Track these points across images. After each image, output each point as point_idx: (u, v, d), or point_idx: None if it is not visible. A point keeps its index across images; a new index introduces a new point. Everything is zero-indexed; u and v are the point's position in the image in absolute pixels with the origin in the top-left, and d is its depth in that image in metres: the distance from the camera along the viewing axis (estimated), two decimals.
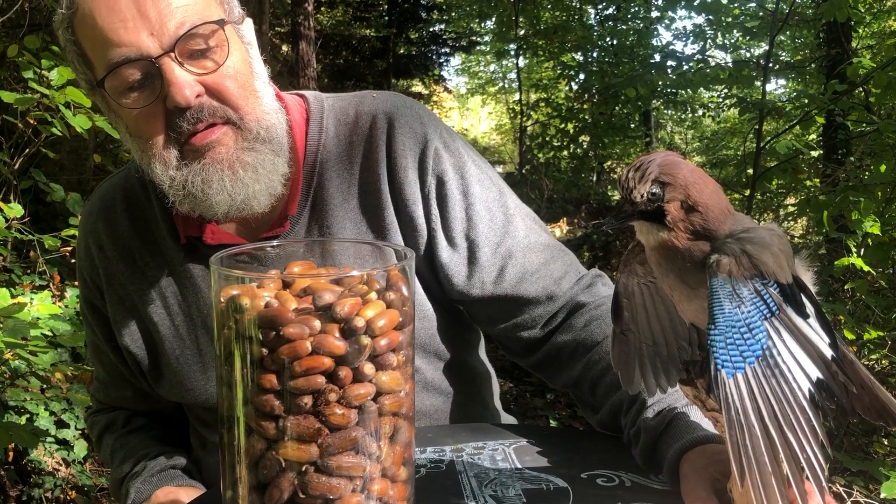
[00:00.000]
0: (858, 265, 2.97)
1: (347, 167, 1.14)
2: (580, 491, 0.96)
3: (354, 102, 1.17)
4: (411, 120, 1.15)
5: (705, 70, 5.46)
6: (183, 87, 0.97)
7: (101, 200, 1.22)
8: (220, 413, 0.74)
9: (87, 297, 1.24)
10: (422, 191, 1.13)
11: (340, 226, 1.12)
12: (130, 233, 1.18)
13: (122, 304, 1.18)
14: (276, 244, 0.98)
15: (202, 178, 1.01)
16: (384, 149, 1.13)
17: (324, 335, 0.68)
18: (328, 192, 1.13)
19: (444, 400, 1.24)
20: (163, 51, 0.97)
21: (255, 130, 1.04)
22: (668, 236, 0.74)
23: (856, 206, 3.04)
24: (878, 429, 3.24)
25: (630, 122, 8.77)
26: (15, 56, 2.59)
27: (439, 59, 11.96)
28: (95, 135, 3.82)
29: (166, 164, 1.02)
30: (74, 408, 3.01)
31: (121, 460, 1.26)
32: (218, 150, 1.02)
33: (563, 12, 9.17)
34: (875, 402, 0.74)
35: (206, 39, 1.00)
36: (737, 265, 0.70)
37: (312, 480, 0.68)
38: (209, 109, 1.00)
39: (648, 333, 0.88)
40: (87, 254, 1.22)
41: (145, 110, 1.00)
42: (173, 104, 0.98)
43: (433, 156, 1.13)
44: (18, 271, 3.28)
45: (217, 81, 1.01)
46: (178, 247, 1.14)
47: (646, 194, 0.73)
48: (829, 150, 5.66)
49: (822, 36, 6.55)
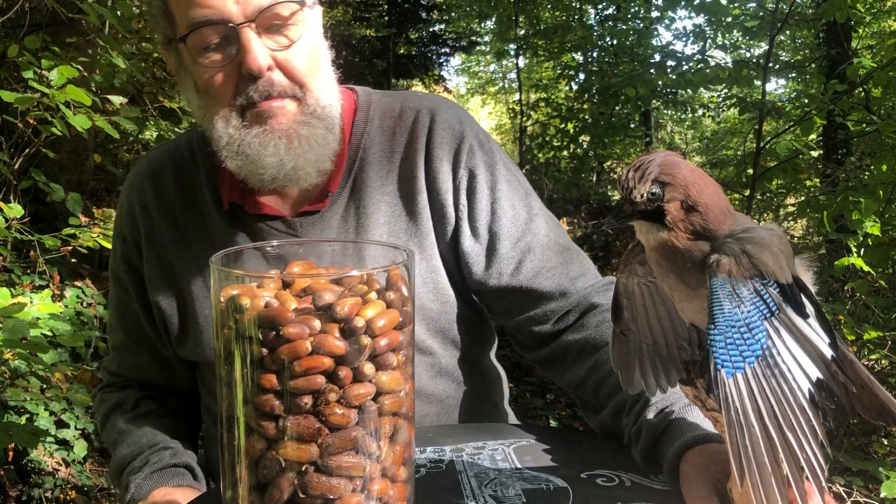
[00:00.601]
0: (858, 265, 2.97)
1: (388, 155, 1.21)
2: (580, 491, 0.96)
3: (401, 98, 1.26)
4: (451, 118, 1.22)
5: (705, 70, 5.46)
6: (258, 56, 1.04)
7: (150, 164, 1.28)
8: (220, 413, 0.74)
9: (124, 255, 1.28)
10: (453, 182, 1.20)
11: (376, 207, 1.19)
12: (175, 196, 1.24)
13: (159, 262, 1.24)
14: (276, 244, 1.00)
15: (259, 142, 1.09)
16: (424, 140, 1.21)
17: (324, 335, 0.68)
18: (368, 176, 1.20)
19: (455, 387, 1.27)
20: (245, 19, 1.04)
21: (313, 107, 1.11)
22: (668, 236, 0.74)
23: (856, 206, 3.04)
24: (877, 429, 3.24)
25: (630, 122, 8.76)
26: (15, 56, 2.59)
27: (439, 60, 11.95)
28: (95, 135, 3.82)
29: (227, 122, 1.09)
30: (74, 408, 3.01)
31: (125, 447, 1.25)
32: (279, 120, 1.09)
33: (563, 12, 9.17)
34: (874, 401, 0.74)
35: (285, 16, 1.07)
36: (737, 265, 0.70)
37: (312, 480, 0.68)
38: (278, 86, 1.08)
39: (648, 333, 0.88)
40: (130, 212, 1.27)
41: (218, 71, 1.07)
42: (247, 71, 1.05)
43: (467, 151, 1.20)
44: (18, 271, 3.28)
45: (288, 58, 1.08)
46: (219, 213, 1.21)
47: (646, 194, 0.73)
48: (830, 151, 5.66)
49: (822, 36, 6.55)
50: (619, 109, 7.86)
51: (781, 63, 7.20)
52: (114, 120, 2.82)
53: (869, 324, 3.06)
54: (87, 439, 3.03)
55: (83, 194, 3.64)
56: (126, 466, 1.23)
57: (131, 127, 3.12)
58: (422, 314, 1.20)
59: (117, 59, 3.16)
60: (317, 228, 1.19)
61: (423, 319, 1.20)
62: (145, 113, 3.93)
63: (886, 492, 2.17)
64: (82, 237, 2.86)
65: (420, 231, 1.19)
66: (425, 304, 1.20)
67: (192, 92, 1.13)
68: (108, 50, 3.23)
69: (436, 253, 1.21)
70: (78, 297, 3.56)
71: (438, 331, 1.23)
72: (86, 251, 3.04)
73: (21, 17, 3.23)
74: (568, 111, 8.73)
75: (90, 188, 4.32)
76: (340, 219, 1.20)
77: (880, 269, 3.40)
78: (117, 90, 3.41)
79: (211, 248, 1.16)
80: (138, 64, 3.87)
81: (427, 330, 1.22)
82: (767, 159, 3.89)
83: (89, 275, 4.00)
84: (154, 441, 1.25)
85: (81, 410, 3.06)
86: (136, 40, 4.02)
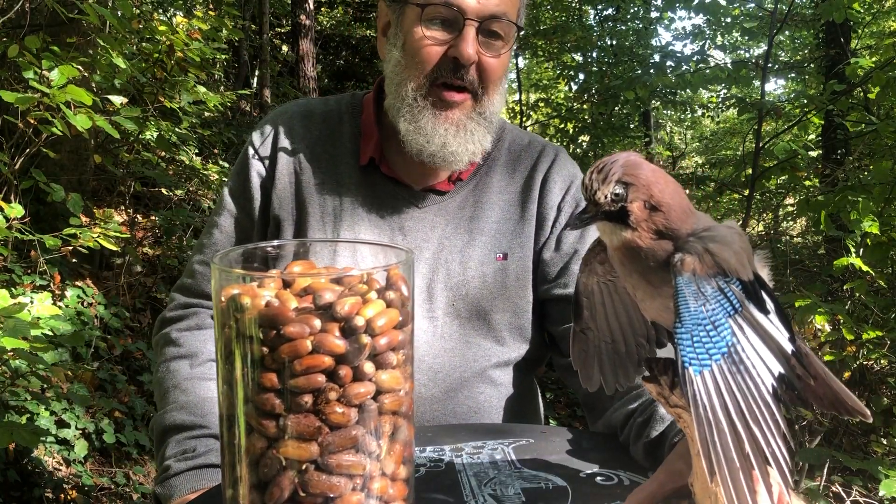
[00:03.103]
0: (857, 265, 2.97)
1: (511, 172, 1.41)
2: (579, 490, 0.96)
3: (530, 135, 1.49)
4: (569, 162, 1.45)
5: (704, 70, 5.46)
6: (470, 48, 1.22)
7: (300, 107, 1.43)
8: (221, 412, 0.74)
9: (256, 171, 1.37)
10: (559, 204, 1.38)
11: (491, 206, 1.38)
12: (319, 138, 1.38)
13: (290, 181, 1.36)
14: (276, 244, 1.00)
15: (433, 122, 1.26)
16: (546, 167, 1.40)
17: (324, 334, 0.68)
18: (492, 180, 1.40)
19: (519, 380, 1.39)
20: (475, 17, 1.22)
21: (485, 109, 1.29)
22: (632, 236, 0.75)
23: (854, 205, 3.04)
24: (876, 428, 3.25)
25: (630, 123, 8.76)
26: (15, 56, 2.59)
27: None
28: (96, 135, 3.82)
29: (419, 88, 1.26)
30: (74, 408, 3.01)
31: (183, 413, 1.22)
32: (454, 112, 1.27)
33: (563, 13, 9.17)
34: (828, 392, 0.76)
35: (502, 31, 1.26)
36: (700, 263, 0.71)
37: (313, 479, 0.69)
38: (471, 78, 1.26)
39: (607, 331, 0.89)
40: (274, 131, 1.39)
41: (433, 44, 1.24)
42: (457, 55, 1.23)
43: (577, 187, 1.40)
44: (19, 271, 3.29)
45: (489, 63, 1.26)
46: (355, 166, 1.36)
47: (609, 195, 0.74)
48: (829, 150, 5.67)
49: (821, 36, 6.55)
50: (618, 110, 7.86)
51: (781, 63, 7.20)
52: (114, 120, 2.82)
53: (868, 324, 3.06)
54: (88, 439, 3.03)
55: (83, 194, 3.64)
56: (173, 436, 1.20)
57: (131, 127, 3.13)
58: (510, 306, 1.34)
59: (117, 59, 3.16)
60: (436, 206, 1.36)
61: (509, 311, 1.35)
62: (145, 113, 3.93)
63: (886, 490, 2.18)
64: (83, 237, 2.86)
65: (523, 233, 1.36)
66: (513, 297, 1.35)
67: (396, 49, 1.29)
68: (108, 50, 3.23)
69: (531, 255, 1.37)
70: (78, 297, 3.57)
71: (517, 327, 1.36)
72: (86, 251, 3.04)
73: (21, 18, 3.23)
74: (567, 111, 8.73)
75: (91, 188, 4.33)
76: (458, 206, 1.37)
77: (879, 269, 3.41)
78: (117, 90, 3.41)
79: (336, 191, 1.35)
80: (138, 64, 3.87)
81: (509, 323, 1.35)
82: (766, 159, 3.89)
83: (90, 275, 4.01)
84: (208, 418, 1.21)
85: (82, 410, 3.06)
86: (136, 40, 4.02)
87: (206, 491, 1.10)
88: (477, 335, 1.33)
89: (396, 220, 1.34)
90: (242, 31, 6.61)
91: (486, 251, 1.34)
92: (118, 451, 3.22)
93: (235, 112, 7.31)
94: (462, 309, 1.32)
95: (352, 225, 1.33)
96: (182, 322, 1.35)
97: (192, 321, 1.34)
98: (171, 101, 4.08)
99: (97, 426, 3.09)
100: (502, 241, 1.35)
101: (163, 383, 1.28)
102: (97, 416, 3.15)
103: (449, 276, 1.32)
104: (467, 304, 1.32)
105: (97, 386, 3.33)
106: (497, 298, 1.33)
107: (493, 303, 1.33)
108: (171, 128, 4.22)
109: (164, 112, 4.25)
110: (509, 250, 1.35)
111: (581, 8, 9.10)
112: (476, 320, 1.33)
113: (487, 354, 1.34)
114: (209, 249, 1.38)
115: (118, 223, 3.38)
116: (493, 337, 1.34)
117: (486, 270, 1.33)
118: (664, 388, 0.77)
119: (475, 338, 1.33)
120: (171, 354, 1.30)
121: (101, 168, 4.26)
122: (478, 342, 1.33)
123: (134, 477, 3.14)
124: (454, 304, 1.32)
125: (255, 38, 7.91)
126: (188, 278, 1.39)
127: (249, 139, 1.42)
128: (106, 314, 3.68)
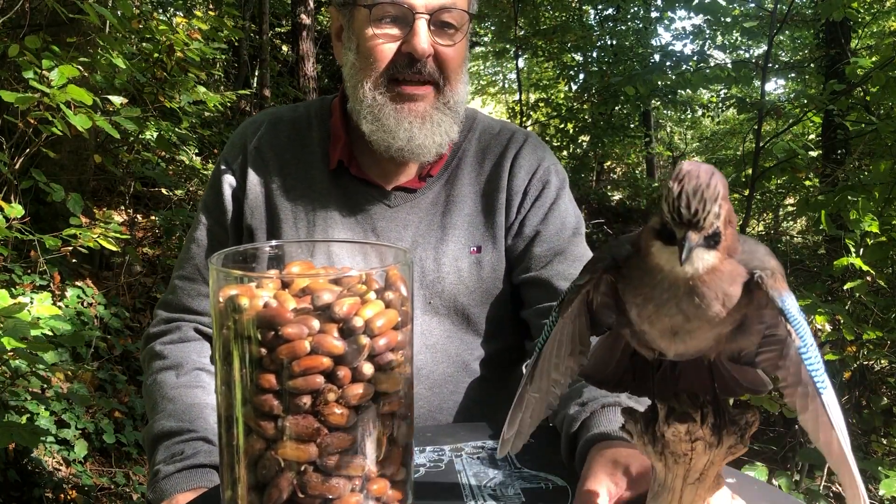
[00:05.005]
0: (857, 265, 2.97)
1: (480, 161, 1.41)
2: None
3: (501, 122, 1.47)
4: (539, 145, 1.43)
5: (704, 70, 5.46)
6: (423, 42, 1.23)
7: (269, 116, 1.44)
8: (219, 413, 0.74)
9: (228, 183, 1.38)
10: (525, 188, 1.37)
11: (463, 200, 1.37)
12: (287, 145, 1.39)
13: (262, 188, 1.36)
14: (275, 244, 0.99)
15: (395, 117, 1.26)
16: (514, 152, 1.39)
17: (322, 335, 0.68)
18: (462, 172, 1.39)
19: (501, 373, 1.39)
20: (425, 11, 1.22)
21: (449, 99, 1.29)
22: (718, 259, 0.65)
23: (854, 205, 3.04)
24: (876, 428, 3.25)
25: (630, 122, 8.77)
26: (15, 56, 2.59)
27: None
28: (96, 135, 3.82)
29: (376, 87, 1.26)
30: (74, 408, 3.01)
31: (170, 419, 1.22)
32: (417, 104, 1.27)
33: (563, 12, 9.17)
34: None
35: (454, 20, 1.26)
36: (783, 281, 0.66)
37: (311, 480, 0.68)
38: (429, 70, 1.26)
39: (545, 384, 0.81)
40: (242, 147, 1.39)
41: (385, 41, 1.25)
42: (411, 51, 1.23)
43: (544, 170, 1.39)
44: (19, 271, 3.28)
45: (445, 53, 1.26)
46: (324, 170, 1.36)
47: (714, 216, 0.63)
48: (829, 150, 5.66)
49: (821, 36, 6.55)
50: (618, 109, 7.86)
51: (781, 63, 7.20)
52: (114, 120, 2.82)
53: (868, 324, 3.06)
54: (88, 439, 3.03)
55: (83, 194, 3.64)
56: (163, 442, 1.20)
57: (131, 127, 3.12)
58: (487, 299, 1.35)
59: (117, 59, 3.16)
60: (408, 205, 1.35)
61: (487, 303, 1.36)
62: (145, 113, 3.93)
63: (885, 490, 2.18)
64: (83, 237, 2.86)
65: (495, 223, 1.36)
66: (490, 290, 1.35)
67: (351, 52, 1.29)
68: (108, 50, 3.23)
69: (503, 245, 1.37)
70: (78, 297, 3.56)
71: (496, 318, 1.37)
72: (86, 251, 3.04)
73: (21, 17, 3.23)
74: (567, 111, 8.73)
75: (90, 188, 4.33)
76: (430, 203, 1.36)
77: (879, 269, 3.40)
78: (117, 90, 3.41)
79: (307, 196, 1.36)
80: (138, 64, 3.87)
81: (488, 315, 1.36)
82: (766, 159, 3.89)
83: (90, 275, 4.01)
84: (196, 423, 1.22)
85: (82, 410, 3.06)
86: (136, 40, 4.02)
87: (206, 492, 1.10)
88: (457, 330, 1.34)
89: (368, 221, 1.35)
90: (242, 30, 6.60)
91: (460, 246, 1.34)
92: (118, 451, 3.22)
93: (235, 112, 7.30)
94: (439, 306, 1.33)
95: (325, 228, 1.34)
96: (166, 336, 1.36)
97: (176, 335, 1.35)
98: (170, 101, 4.08)
99: (97, 426, 3.09)
100: (475, 234, 1.35)
101: (151, 395, 1.30)
102: (97, 416, 3.15)
103: (423, 275, 1.33)
104: (444, 301, 1.33)
105: (97, 386, 3.33)
106: (474, 292, 1.34)
107: (470, 297, 1.34)
108: (171, 128, 4.22)
109: (164, 112, 4.25)
110: (483, 243, 1.35)
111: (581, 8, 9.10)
112: (454, 315, 1.34)
113: (469, 348, 1.35)
114: (188, 265, 1.38)
115: (118, 223, 3.38)
116: (473, 331, 1.35)
117: (460, 266, 1.33)
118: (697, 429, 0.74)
119: (455, 333, 1.34)
120: (158, 367, 1.32)
121: (101, 168, 4.26)
122: (459, 337, 1.34)
123: (134, 477, 3.14)
124: (430, 301, 1.33)
125: (255, 37, 7.90)
126: (170, 294, 1.40)
127: (222, 152, 1.43)
128: (106, 314, 3.68)
